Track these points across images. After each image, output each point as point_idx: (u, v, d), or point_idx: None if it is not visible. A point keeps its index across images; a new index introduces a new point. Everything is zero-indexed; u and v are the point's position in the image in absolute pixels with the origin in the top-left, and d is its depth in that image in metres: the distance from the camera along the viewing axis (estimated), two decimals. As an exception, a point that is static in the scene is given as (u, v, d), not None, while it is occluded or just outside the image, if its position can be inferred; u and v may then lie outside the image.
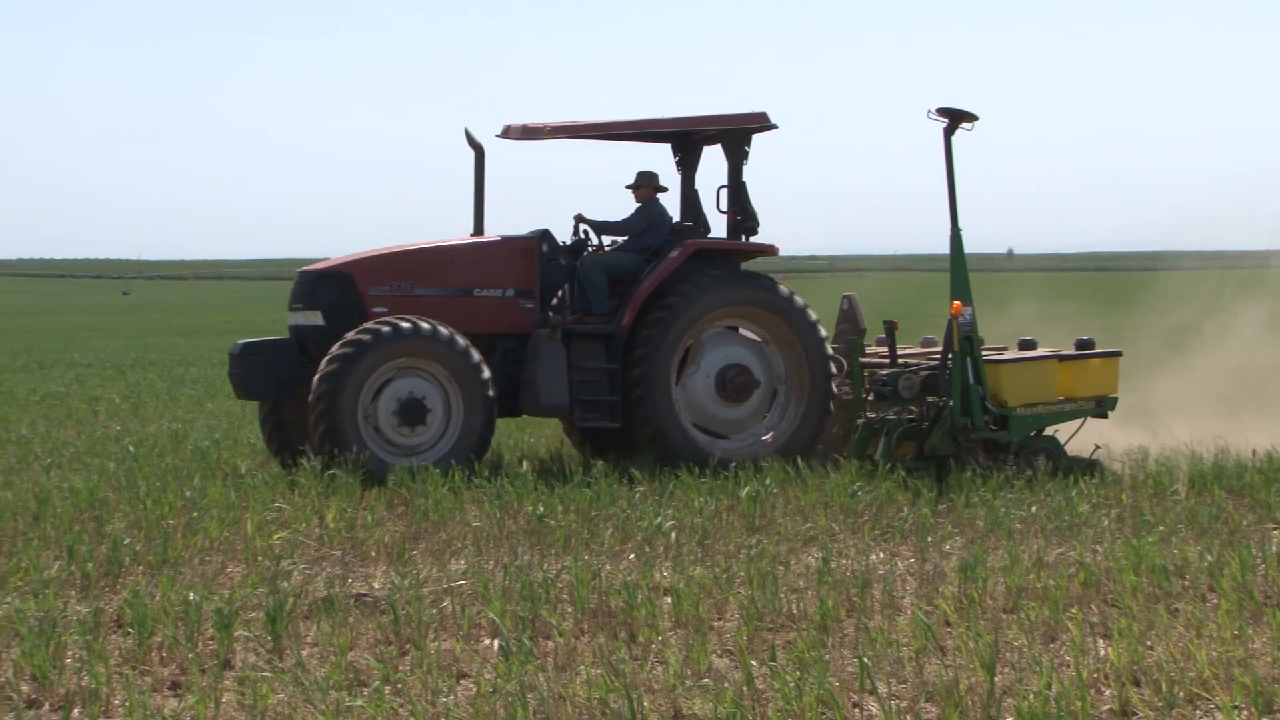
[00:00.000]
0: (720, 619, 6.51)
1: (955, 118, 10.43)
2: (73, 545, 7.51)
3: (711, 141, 11.83)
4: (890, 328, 10.96)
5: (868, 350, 11.35)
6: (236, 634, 5.97)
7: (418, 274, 11.25)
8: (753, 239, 11.70)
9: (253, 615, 6.25)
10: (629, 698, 5.07)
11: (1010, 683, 5.36)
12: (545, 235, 11.43)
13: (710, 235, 11.72)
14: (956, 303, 10.37)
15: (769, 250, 11.80)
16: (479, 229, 11.65)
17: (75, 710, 5.14)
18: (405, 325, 10.58)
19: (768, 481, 9.32)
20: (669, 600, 6.61)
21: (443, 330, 10.65)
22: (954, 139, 10.49)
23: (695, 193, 11.94)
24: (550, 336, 10.96)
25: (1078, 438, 10.75)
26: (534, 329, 11.09)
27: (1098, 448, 10.57)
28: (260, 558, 7.60)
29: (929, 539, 7.94)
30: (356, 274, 11.15)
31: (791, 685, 5.20)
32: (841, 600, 6.62)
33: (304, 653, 5.85)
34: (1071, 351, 10.92)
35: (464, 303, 11.24)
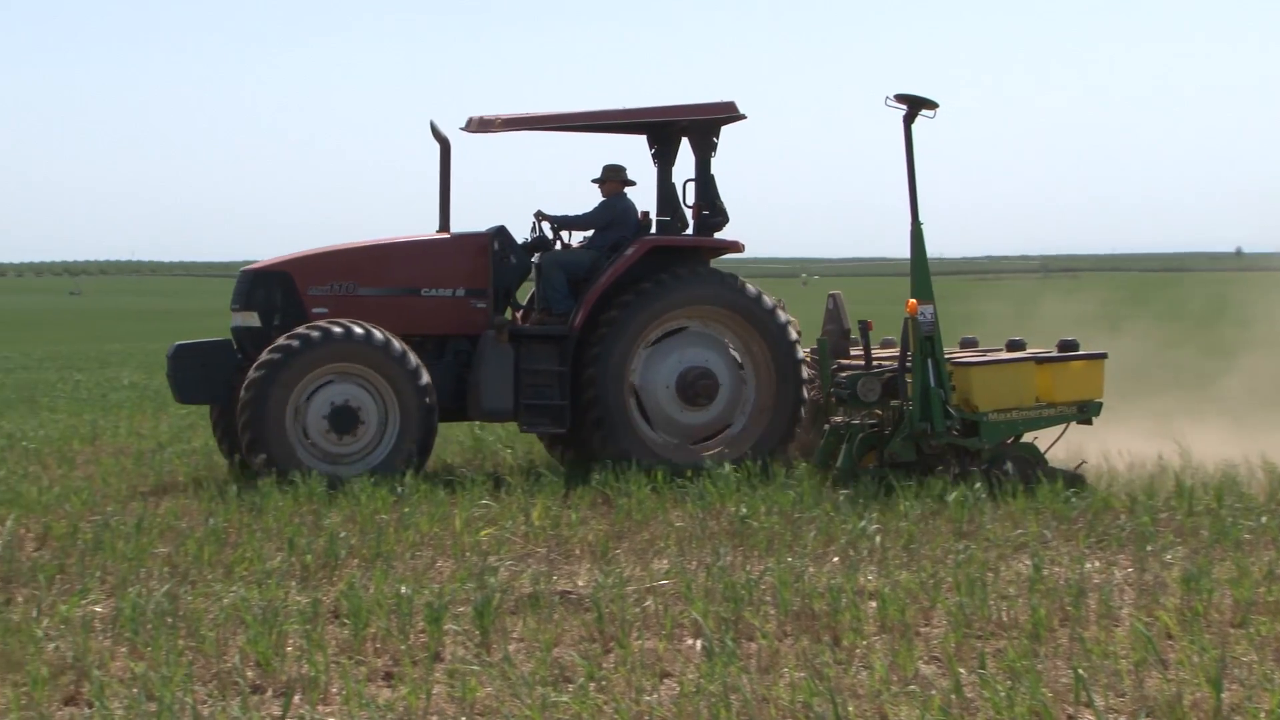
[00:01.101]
0: (927, 625, 6.36)
1: (914, 104, 9.94)
2: (293, 538, 7.82)
3: (684, 133, 11.30)
4: (864, 328, 10.35)
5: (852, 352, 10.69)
6: (446, 627, 6.10)
7: (360, 273, 10.82)
8: (719, 235, 11.14)
9: (461, 609, 6.39)
10: (833, 702, 5.00)
11: (1238, 700, 5.09)
12: (500, 232, 10.99)
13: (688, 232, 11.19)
14: (912, 301, 9.89)
15: (733, 247, 11.22)
16: (445, 224, 11.11)
17: (296, 697, 5.33)
18: (336, 330, 10.17)
19: (976, 486, 9.09)
20: (874, 605, 6.50)
21: (376, 334, 10.23)
22: (915, 126, 9.97)
23: (673, 186, 11.34)
24: (497, 338, 10.54)
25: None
26: (486, 330, 10.68)
27: (1083, 462, 10.05)
28: (468, 553, 7.76)
29: (1148, 548, 7.61)
30: (295, 273, 10.76)
31: (1002, 695, 5.04)
32: (1054, 609, 6.40)
33: (510, 648, 5.94)
34: (1050, 353, 10.29)
35: (410, 303, 10.81)
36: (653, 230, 11.18)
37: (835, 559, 7.58)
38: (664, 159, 11.43)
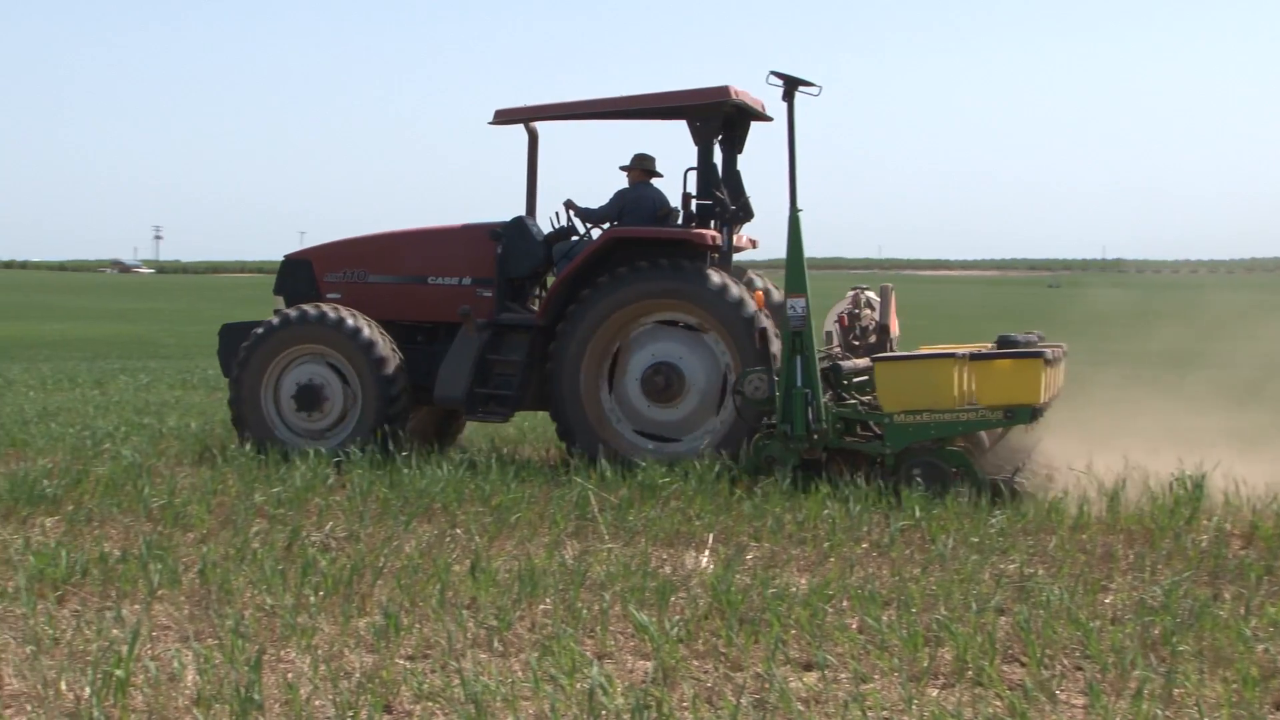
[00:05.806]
0: None
1: (791, 83, 9.55)
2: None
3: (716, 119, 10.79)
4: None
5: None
6: None
7: (370, 261, 11.25)
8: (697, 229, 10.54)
9: None
10: None
11: None
12: (515, 223, 11.01)
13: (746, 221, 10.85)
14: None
15: (694, 238, 10.37)
16: (530, 211, 11.39)
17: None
18: (311, 312, 10.68)
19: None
20: None
21: (347, 319, 10.62)
22: (795, 106, 9.55)
23: (737, 174, 10.85)
24: (465, 329, 10.66)
25: None
26: (494, 318, 10.86)
27: (1019, 469, 9.30)
28: None
29: None
30: (315, 260, 11.37)
31: None
32: None
33: None
34: (971, 350, 9.37)
35: (418, 290, 11.10)
36: (678, 221, 10.91)
37: None
38: (727, 143, 11.01)
